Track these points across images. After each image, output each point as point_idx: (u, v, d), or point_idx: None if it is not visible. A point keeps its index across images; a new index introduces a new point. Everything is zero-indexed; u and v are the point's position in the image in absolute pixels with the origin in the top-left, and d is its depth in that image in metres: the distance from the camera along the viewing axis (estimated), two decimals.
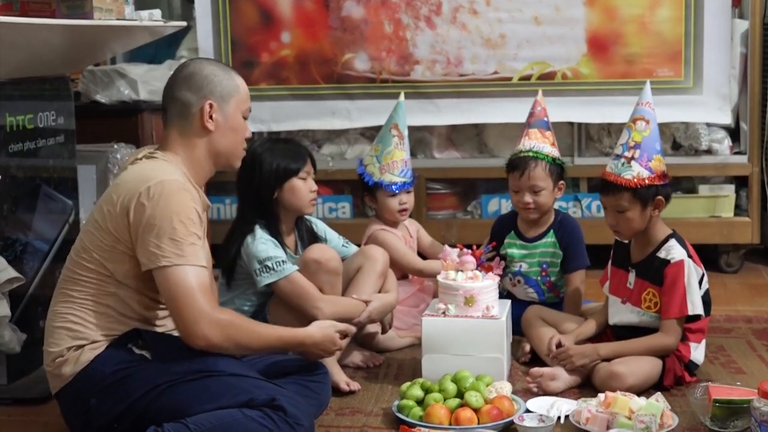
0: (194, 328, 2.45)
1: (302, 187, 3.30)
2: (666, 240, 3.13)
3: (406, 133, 3.67)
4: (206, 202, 2.67)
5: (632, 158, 3.09)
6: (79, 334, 2.52)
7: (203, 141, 2.62)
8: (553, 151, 3.55)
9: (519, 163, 3.52)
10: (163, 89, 2.67)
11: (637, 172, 3.08)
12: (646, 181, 3.08)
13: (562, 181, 3.58)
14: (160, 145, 2.65)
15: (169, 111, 2.64)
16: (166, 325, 2.62)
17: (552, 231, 3.59)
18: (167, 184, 2.48)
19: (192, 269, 2.45)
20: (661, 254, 3.11)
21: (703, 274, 3.12)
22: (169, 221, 2.44)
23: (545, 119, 3.58)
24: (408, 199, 3.68)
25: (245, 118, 2.69)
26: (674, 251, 3.09)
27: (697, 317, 3.08)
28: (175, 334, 2.58)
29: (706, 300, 3.14)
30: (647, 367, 3.03)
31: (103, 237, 2.51)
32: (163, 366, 2.48)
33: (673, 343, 3.06)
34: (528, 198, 3.51)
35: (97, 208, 2.57)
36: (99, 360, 2.49)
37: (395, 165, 3.63)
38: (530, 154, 3.51)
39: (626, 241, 3.24)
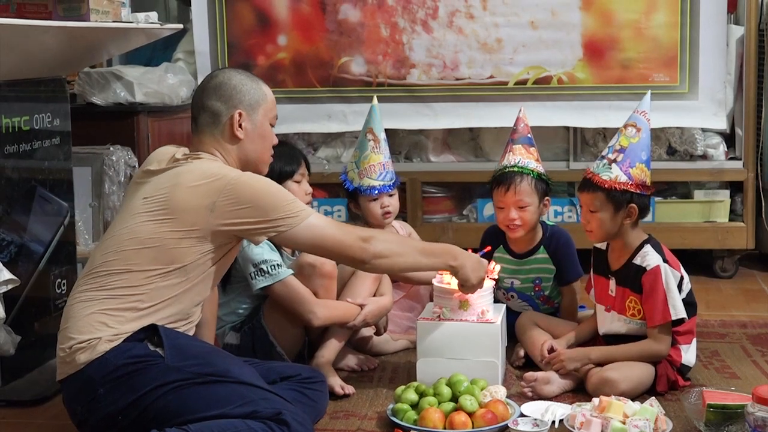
0: (357, 254, 2.67)
1: (297, 190, 3.30)
2: (641, 246, 3.13)
3: (382, 136, 3.65)
4: None
5: (614, 161, 3.10)
6: (107, 327, 2.51)
7: (234, 148, 2.72)
8: (538, 167, 3.48)
9: (504, 179, 3.45)
10: (192, 99, 2.77)
11: (615, 174, 3.08)
12: (622, 186, 3.08)
13: (547, 197, 3.51)
14: (194, 151, 2.70)
15: (199, 120, 2.72)
16: (192, 319, 2.68)
17: (543, 246, 3.55)
18: (246, 174, 2.61)
19: (315, 216, 2.64)
20: (637, 261, 3.11)
21: (682, 277, 3.11)
22: (272, 194, 2.59)
23: (529, 136, 3.52)
24: (391, 202, 3.65)
25: (272, 126, 2.79)
26: (649, 257, 3.08)
27: (681, 320, 3.08)
28: (192, 333, 2.65)
29: (690, 301, 3.14)
30: (639, 373, 3.03)
31: (168, 230, 2.54)
32: (175, 365, 2.49)
33: (663, 350, 3.07)
34: (514, 214, 3.44)
35: (151, 200, 2.57)
36: (114, 351, 2.49)
37: (373, 169, 3.62)
38: (515, 169, 3.44)
39: (603, 248, 3.24)
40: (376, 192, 3.60)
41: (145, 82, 4.34)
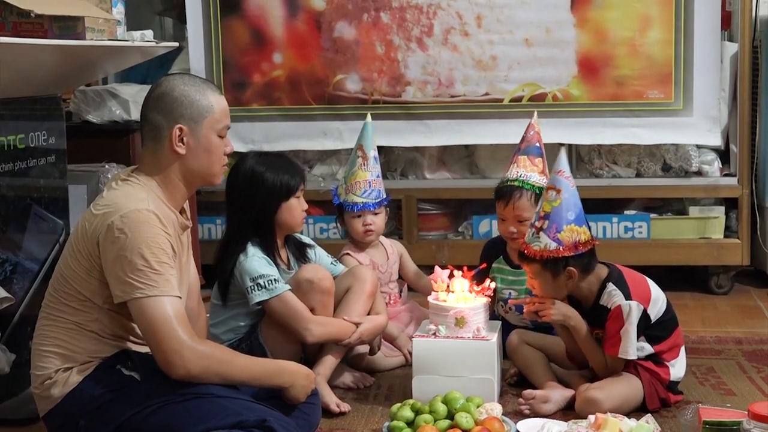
0: (173, 359, 2.42)
1: (297, 206, 3.32)
2: (603, 286, 3.09)
3: (372, 153, 3.66)
4: (185, 223, 2.65)
5: (541, 228, 3.05)
6: (67, 357, 2.51)
7: (176, 164, 2.58)
8: (541, 180, 3.47)
9: (505, 193, 3.48)
10: (141, 107, 2.64)
11: (544, 243, 3.03)
12: (553, 254, 3.03)
13: None
14: (138, 165, 2.64)
15: (143, 132, 2.62)
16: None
17: None
18: (135, 214, 2.45)
19: (168, 299, 2.43)
20: (603, 301, 3.08)
21: (645, 309, 3.04)
22: (139, 253, 2.41)
23: (537, 145, 3.53)
24: (374, 220, 3.66)
25: (222, 136, 2.62)
26: (613, 298, 3.05)
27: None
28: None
29: (668, 317, 3.11)
30: (624, 392, 3.03)
31: (78, 266, 2.50)
32: (152, 387, 2.47)
33: (608, 376, 3.09)
34: (513, 228, 3.47)
35: (73, 236, 2.56)
36: (88, 381, 2.49)
37: (358, 185, 3.63)
38: (516, 183, 3.47)
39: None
40: (357, 209, 3.62)
41: (141, 101, 4.23)
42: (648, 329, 3.06)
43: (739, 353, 3.68)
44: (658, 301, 3.10)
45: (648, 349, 3.07)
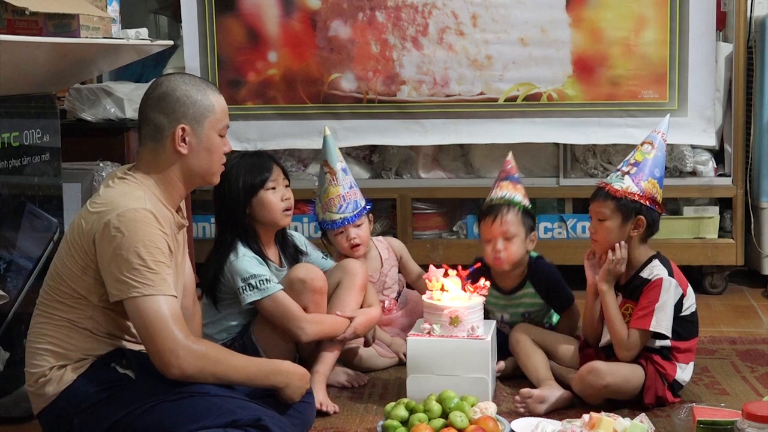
0: (169, 358, 2.42)
1: (271, 199, 3.28)
2: (649, 261, 3.18)
3: (338, 166, 3.57)
4: (182, 222, 2.65)
5: (627, 173, 3.18)
6: (61, 354, 2.51)
7: (177, 163, 2.58)
8: (525, 201, 3.48)
9: (491, 210, 3.44)
10: (139, 106, 2.63)
11: (627, 185, 3.16)
12: (632, 196, 3.14)
13: (534, 232, 3.49)
14: (135, 163, 2.63)
15: (142, 131, 2.61)
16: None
17: (528, 281, 3.52)
18: (132, 213, 2.45)
19: (164, 299, 2.43)
20: (644, 274, 3.15)
21: (683, 295, 3.13)
22: (135, 252, 2.41)
23: (516, 175, 3.53)
24: (357, 233, 3.58)
25: (222, 135, 2.64)
26: (656, 270, 3.14)
27: (661, 337, 3.08)
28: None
29: (692, 320, 3.16)
30: (628, 372, 3.06)
31: (73, 264, 2.50)
32: (147, 385, 2.47)
33: (626, 354, 3.09)
34: (500, 245, 3.40)
35: (68, 233, 2.56)
36: (82, 379, 2.48)
37: (332, 202, 3.56)
38: (502, 201, 3.44)
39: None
40: (336, 226, 3.57)
41: (135, 99, 4.34)
42: (674, 320, 3.09)
43: (733, 353, 3.69)
44: (690, 298, 3.17)
45: (665, 340, 3.10)
